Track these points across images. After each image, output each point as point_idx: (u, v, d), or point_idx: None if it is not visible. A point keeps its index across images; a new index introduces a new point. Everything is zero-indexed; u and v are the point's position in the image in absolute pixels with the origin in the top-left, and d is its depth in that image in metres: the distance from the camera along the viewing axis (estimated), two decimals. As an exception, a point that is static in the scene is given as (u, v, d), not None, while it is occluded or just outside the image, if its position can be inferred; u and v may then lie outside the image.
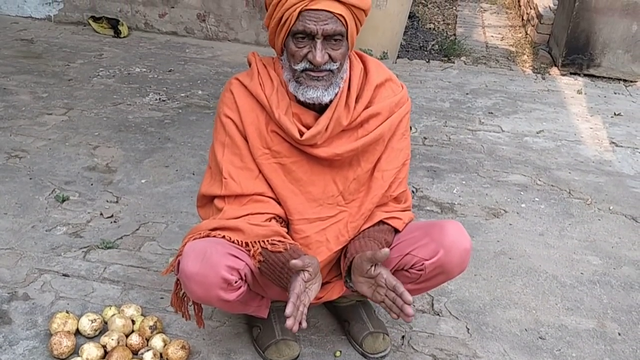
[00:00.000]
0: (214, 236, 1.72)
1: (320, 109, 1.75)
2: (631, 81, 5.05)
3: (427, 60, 5.26)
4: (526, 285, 2.42)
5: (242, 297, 1.70)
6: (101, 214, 2.68)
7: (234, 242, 1.70)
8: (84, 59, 4.63)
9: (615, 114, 4.31)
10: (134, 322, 2.01)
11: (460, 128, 3.88)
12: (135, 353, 1.90)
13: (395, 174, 1.85)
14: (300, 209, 1.80)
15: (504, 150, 3.61)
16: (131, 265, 2.35)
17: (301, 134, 1.73)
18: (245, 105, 1.77)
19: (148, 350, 1.89)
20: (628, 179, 3.38)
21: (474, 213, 2.91)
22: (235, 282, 1.64)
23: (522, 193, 3.13)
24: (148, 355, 1.87)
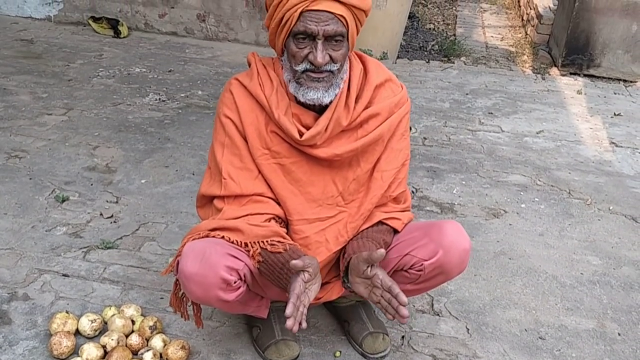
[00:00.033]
0: (213, 236, 1.72)
1: (319, 110, 1.75)
2: (631, 81, 5.05)
3: (427, 60, 5.26)
4: (526, 285, 2.42)
5: (242, 298, 1.70)
6: (101, 214, 2.68)
7: (233, 243, 1.70)
8: (84, 59, 4.63)
9: (615, 114, 4.31)
10: (133, 322, 2.01)
11: (460, 128, 3.88)
12: (135, 353, 1.90)
13: (394, 174, 1.85)
14: (299, 210, 1.80)
15: (503, 150, 3.61)
16: (131, 266, 2.35)
17: (301, 134, 1.73)
18: (244, 105, 1.77)
19: (148, 350, 1.89)
20: (628, 179, 3.38)
21: (474, 213, 2.91)
22: (235, 283, 1.64)
23: (522, 193, 3.13)
24: (148, 356, 1.87)
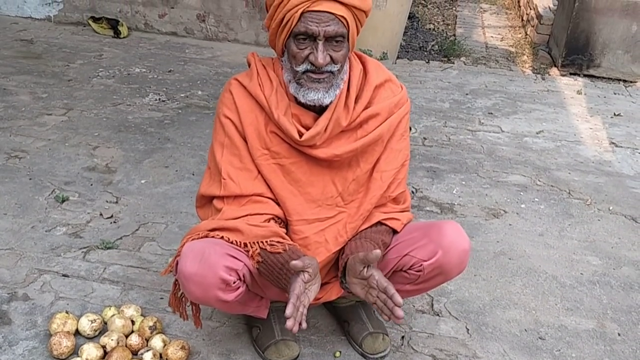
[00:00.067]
0: (213, 237, 1.72)
1: (319, 110, 1.75)
2: (631, 81, 5.05)
3: (427, 60, 5.26)
4: (526, 285, 2.42)
5: (241, 298, 1.70)
6: (101, 215, 2.68)
7: (232, 243, 1.70)
8: (84, 59, 4.63)
9: (615, 115, 4.31)
10: (133, 323, 2.01)
11: (460, 128, 3.88)
12: (135, 353, 1.90)
13: (394, 174, 1.85)
14: (299, 210, 1.80)
15: (503, 150, 3.61)
16: (131, 266, 2.35)
17: (300, 134, 1.73)
18: (244, 105, 1.77)
19: (148, 350, 1.89)
20: (628, 179, 3.38)
21: (474, 213, 2.91)
22: (234, 283, 1.64)
23: (522, 193, 3.13)
24: (148, 356, 1.87)
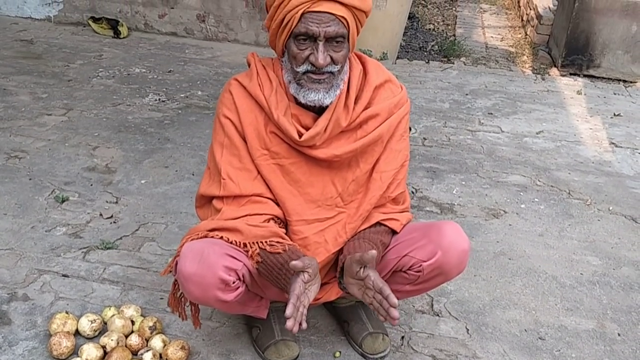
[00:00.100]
0: (212, 237, 1.72)
1: (319, 110, 1.75)
2: (631, 82, 5.04)
3: (427, 60, 5.26)
4: (526, 285, 2.42)
5: (240, 298, 1.70)
6: (101, 215, 2.68)
7: (232, 243, 1.70)
8: (84, 59, 4.63)
9: (614, 115, 4.31)
10: (133, 323, 2.01)
11: (460, 129, 3.88)
12: (134, 353, 1.90)
13: (393, 175, 1.85)
14: (298, 210, 1.80)
15: (503, 150, 3.61)
16: (131, 266, 2.35)
17: (300, 135, 1.73)
18: (244, 106, 1.77)
19: (148, 350, 1.89)
20: (628, 179, 3.38)
21: (474, 214, 2.91)
22: (233, 283, 1.64)
23: (522, 194, 3.13)
24: (148, 356, 1.87)
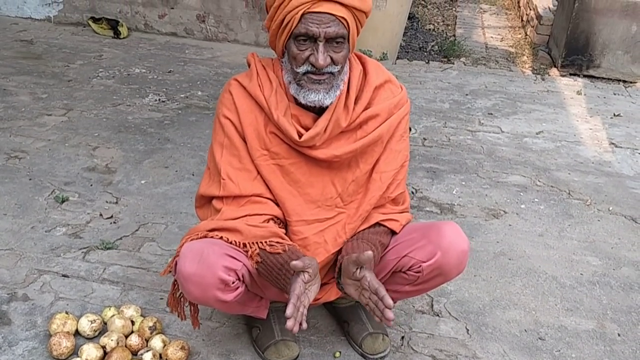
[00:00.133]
0: (212, 237, 1.72)
1: (319, 111, 1.75)
2: (630, 82, 5.05)
3: (427, 61, 5.26)
4: (526, 286, 2.42)
5: (240, 298, 1.70)
6: (101, 215, 2.68)
7: (231, 243, 1.70)
8: (84, 59, 4.63)
9: (614, 115, 4.31)
10: (133, 323, 2.01)
11: (460, 129, 3.88)
12: (134, 354, 1.90)
13: (393, 175, 1.85)
14: (298, 211, 1.80)
15: (503, 151, 3.61)
16: (131, 266, 2.35)
17: (300, 135, 1.73)
18: (244, 106, 1.77)
19: (147, 351, 1.89)
20: (627, 179, 3.38)
21: (474, 214, 2.91)
22: (233, 283, 1.64)
23: (522, 194, 3.13)
24: (147, 356, 1.87)
